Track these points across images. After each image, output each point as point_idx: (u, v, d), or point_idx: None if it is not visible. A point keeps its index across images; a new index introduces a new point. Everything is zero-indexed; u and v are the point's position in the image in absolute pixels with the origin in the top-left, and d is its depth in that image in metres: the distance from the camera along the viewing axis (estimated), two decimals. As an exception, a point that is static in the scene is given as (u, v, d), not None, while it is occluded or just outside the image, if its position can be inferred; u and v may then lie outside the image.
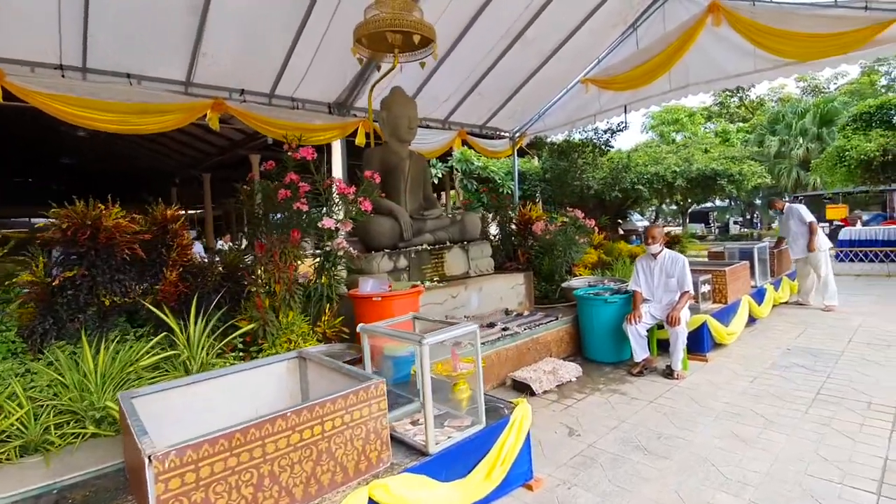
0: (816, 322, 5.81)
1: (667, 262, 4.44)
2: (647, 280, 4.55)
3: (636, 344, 4.32)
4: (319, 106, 8.26)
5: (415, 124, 5.56)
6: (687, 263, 4.37)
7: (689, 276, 4.32)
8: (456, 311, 4.89)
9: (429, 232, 5.43)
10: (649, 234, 4.47)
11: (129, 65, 5.97)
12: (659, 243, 4.47)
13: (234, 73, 7.09)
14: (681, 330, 4.14)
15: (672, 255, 4.46)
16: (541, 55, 9.36)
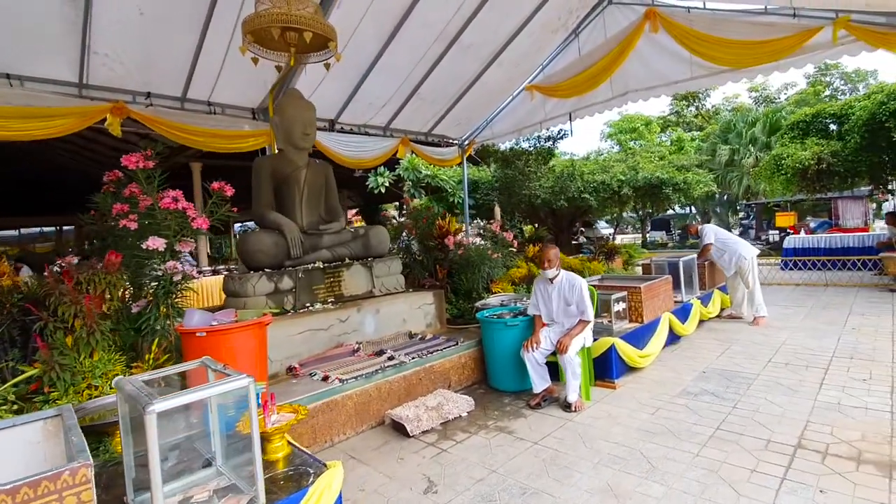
0: (742, 338, 5.49)
1: (564, 286, 4.01)
2: (545, 304, 4.14)
3: (534, 373, 3.87)
4: (242, 111, 7.66)
5: (311, 129, 5.06)
6: (585, 287, 3.97)
7: (588, 301, 3.92)
8: (345, 337, 4.38)
9: (326, 248, 4.92)
10: (544, 256, 4.01)
11: (8, 63, 5.31)
12: (555, 266, 4.03)
13: (137, 74, 6.47)
14: (568, 359, 3.73)
15: (570, 278, 4.03)
16: (480, 61, 9.01)
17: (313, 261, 4.72)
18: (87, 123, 6.34)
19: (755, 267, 6.19)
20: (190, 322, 3.00)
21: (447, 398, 3.81)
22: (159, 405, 1.65)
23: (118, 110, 6.41)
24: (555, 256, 4.02)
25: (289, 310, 4.37)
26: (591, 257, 7.70)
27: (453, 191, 12.53)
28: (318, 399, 3.38)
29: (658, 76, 8.56)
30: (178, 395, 1.71)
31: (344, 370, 3.80)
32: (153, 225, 3.26)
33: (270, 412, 2.44)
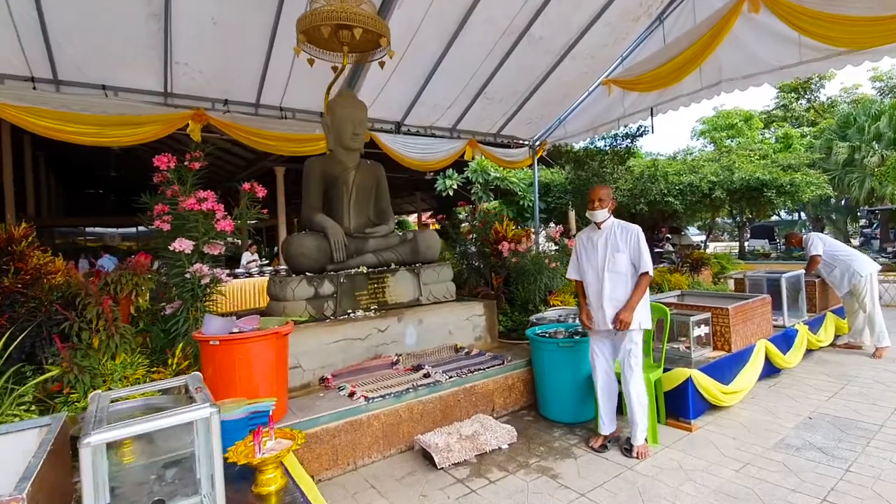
0: (862, 375, 4.44)
1: (615, 231, 3.22)
2: (589, 258, 3.29)
3: (605, 403, 3.25)
4: (311, 115, 7.77)
5: (361, 130, 4.84)
6: (642, 235, 3.21)
7: (647, 251, 3.15)
8: (384, 349, 4.08)
9: (372, 252, 4.67)
10: (593, 194, 3.26)
11: (103, 76, 5.77)
12: (606, 207, 3.22)
13: (215, 82, 6.74)
14: (632, 344, 3.10)
15: (622, 224, 3.26)
16: (552, 55, 8.41)
17: (357, 265, 4.49)
18: (171, 129, 6.69)
19: (874, 286, 5.03)
20: (209, 328, 2.84)
21: (486, 426, 3.36)
22: (95, 437, 1.40)
23: (198, 117, 6.69)
24: (606, 196, 3.23)
25: (329, 316, 4.17)
26: (672, 268, 6.79)
27: (524, 193, 11.93)
28: (341, 418, 3.10)
29: (758, 62, 7.41)
30: (118, 427, 1.46)
31: (375, 386, 3.49)
32: (183, 226, 3.17)
33: (265, 439, 2.17)
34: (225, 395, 2.76)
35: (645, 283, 3.13)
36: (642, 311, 3.15)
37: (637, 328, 3.12)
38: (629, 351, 3.13)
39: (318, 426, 3.01)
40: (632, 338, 3.13)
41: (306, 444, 2.95)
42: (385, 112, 8.42)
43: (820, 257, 5.25)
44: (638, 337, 3.14)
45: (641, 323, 3.12)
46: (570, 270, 3.46)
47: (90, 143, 5.71)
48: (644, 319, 3.14)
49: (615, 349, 3.24)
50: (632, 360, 3.11)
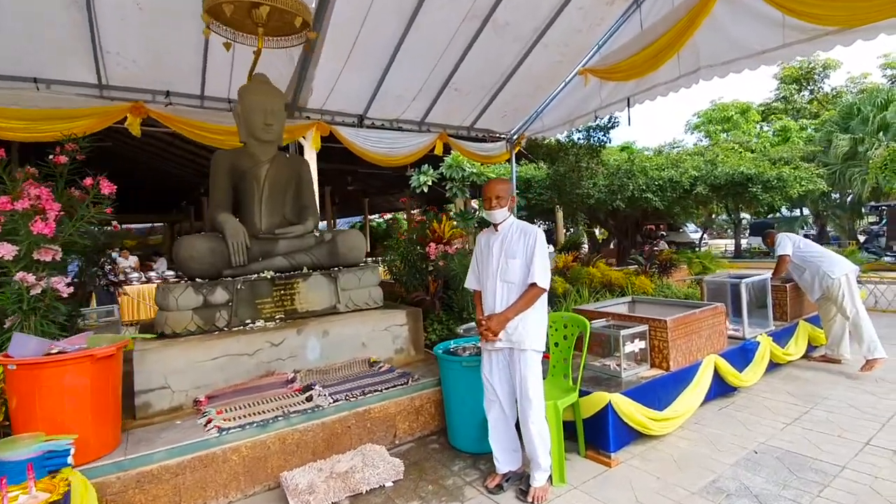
0: (833, 396, 3.86)
1: (512, 234, 2.69)
2: (485, 267, 2.78)
3: (499, 436, 2.75)
4: None
5: (275, 119, 4.35)
6: (543, 239, 2.66)
7: (544, 259, 2.60)
8: (280, 364, 3.60)
9: (282, 255, 4.19)
10: (488, 190, 2.70)
11: (34, 69, 5.39)
12: (504, 206, 2.69)
13: (153, 72, 6.31)
14: (527, 370, 2.58)
15: (523, 226, 2.72)
16: (521, 42, 7.86)
17: (262, 270, 4.01)
18: (108, 123, 6.26)
19: (853, 288, 4.43)
20: (17, 349, 2.38)
21: (369, 459, 2.86)
22: None
23: (137, 110, 6.26)
24: (504, 192, 2.68)
25: (222, 327, 3.70)
26: (639, 270, 6.24)
27: (503, 190, 11.37)
28: (185, 453, 2.62)
29: (738, 47, 6.82)
30: None
31: (248, 410, 3.01)
32: (13, 230, 2.71)
33: (18, 493, 1.70)
34: (25, 428, 2.31)
35: (533, 294, 2.60)
36: (534, 329, 2.62)
37: (529, 349, 2.59)
38: (524, 378, 2.60)
39: (153, 464, 2.53)
40: (526, 362, 2.60)
41: (140, 484, 2.49)
42: (344, 104, 7.94)
43: (788, 258, 4.67)
44: (533, 361, 2.62)
45: (531, 343, 2.60)
46: (468, 278, 2.94)
47: (21, 138, 5.36)
48: (535, 339, 2.62)
49: (512, 373, 2.73)
50: (529, 388, 2.59)
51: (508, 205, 2.71)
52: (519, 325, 2.60)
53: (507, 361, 2.71)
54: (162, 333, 3.53)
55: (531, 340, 2.61)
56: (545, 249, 2.65)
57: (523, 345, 2.59)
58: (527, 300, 2.60)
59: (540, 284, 2.57)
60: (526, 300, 2.60)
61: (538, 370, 2.63)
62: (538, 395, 2.60)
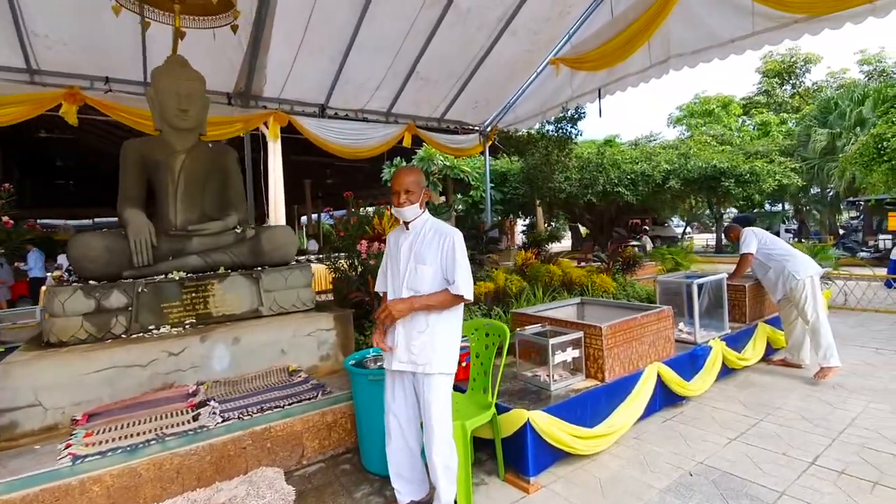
0: (787, 405, 3.57)
1: (425, 236, 2.31)
2: (393, 270, 2.41)
3: (399, 459, 2.41)
4: (216, 96, 6.89)
5: (190, 105, 3.95)
6: (461, 242, 2.28)
7: (465, 266, 2.23)
8: (179, 377, 3.24)
9: (196, 254, 3.81)
10: (397, 184, 2.29)
11: None
12: (416, 202, 2.29)
13: (88, 56, 5.87)
14: (432, 394, 2.24)
15: (439, 226, 2.33)
16: (487, 29, 7.50)
17: (171, 270, 3.63)
18: (40, 110, 5.83)
19: (817, 291, 4.14)
20: None
21: (255, 488, 2.51)
22: None
23: (72, 97, 5.83)
24: (415, 185, 2.28)
25: (120, 334, 3.32)
26: (601, 267, 5.92)
27: (476, 184, 11.01)
28: (31, 485, 2.26)
29: (708, 35, 6.58)
30: None
31: (132, 430, 2.65)
32: None
33: None
34: None
35: (448, 298, 2.21)
36: (443, 349, 2.26)
37: (436, 372, 2.24)
38: (428, 404, 2.25)
39: (-15, 500, 2.17)
40: (431, 387, 2.25)
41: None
42: (303, 93, 7.54)
43: (751, 256, 4.37)
44: (440, 386, 2.26)
45: (439, 366, 2.25)
46: (378, 279, 2.56)
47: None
48: (443, 361, 2.26)
49: (417, 398, 2.37)
50: (432, 416, 2.24)
51: (421, 200, 2.32)
52: (426, 345, 2.23)
53: (411, 385, 2.35)
54: (48, 342, 3.16)
55: (439, 362, 2.25)
56: (465, 255, 2.28)
57: (429, 367, 2.23)
58: (441, 300, 2.21)
59: (466, 297, 2.20)
60: (440, 300, 2.20)
61: (445, 396, 2.27)
62: (442, 423, 2.25)
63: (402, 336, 2.26)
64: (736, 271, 4.47)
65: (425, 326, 2.24)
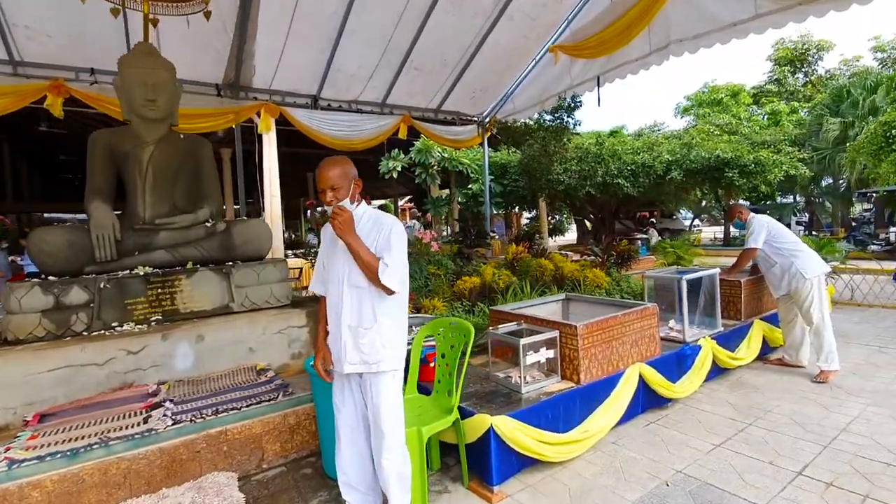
0: (780, 409, 3.36)
1: (362, 228, 2.12)
2: (331, 268, 2.23)
3: (350, 474, 2.26)
4: (205, 87, 6.79)
5: (158, 94, 3.80)
6: (398, 230, 2.11)
7: (400, 255, 2.06)
8: (139, 376, 3.12)
9: (164, 248, 3.69)
10: (321, 180, 2.06)
11: None
12: (346, 197, 2.07)
13: (73, 48, 5.76)
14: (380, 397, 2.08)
15: (377, 216, 2.16)
16: (482, 16, 7.26)
17: (136, 265, 3.51)
18: (24, 102, 5.73)
19: (823, 292, 3.90)
20: None
21: (202, 496, 2.38)
22: None
23: (57, 88, 5.73)
24: (341, 178, 2.05)
25: (81, 332, 3.21)
26: (595, 262, 5.71)
27: (476, 176, 10.79)
28: (-40, 493, 2.15)
29: (709, 19, 6.29)
30: None
31: (79, 433, 2.54)
32: None
33: None
34: None
35: (374, 277, 2.01)
36: (392, 344, 2.10)
37: (387, 370, 2.08)
38: (377, 407, 2.09)
39: (-86, 507, 2.06)
40: (379, 387, 2.08)
41: None
42: (294, 84, 7.37)
43: (757, 251, 4.06)
44: (389, 384, 2.10)
45: (390, 363, 2.09)
46: (313, 280, 2.39)
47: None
48: (393, 357, 2.10)
49: (365, 400, 2.21)
50: (382, 419, 2.08)
51: (352, 193, 2.13)
52: (374, 341, 2.07)
53: (359, 387, 2.19)
54: (5, 340, 3.06)
55: (389, 359, 2.09)
56: (403, 244, 2.11)
57: (380, 365, 2.07)
58: (373, 268, 2.00)
59: (389, 285, 2.01)
60: (373, 268, 2.00)
61: (395, 395, 2.11)
62: (393, 425, 2.09)
63: (348, 335, 2.09)
64: (735, 265, 4.22)
65: (372, 322, 2.07)
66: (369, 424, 2.19)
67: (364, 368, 2.07)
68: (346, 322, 2.10)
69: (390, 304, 2.10)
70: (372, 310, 2.08)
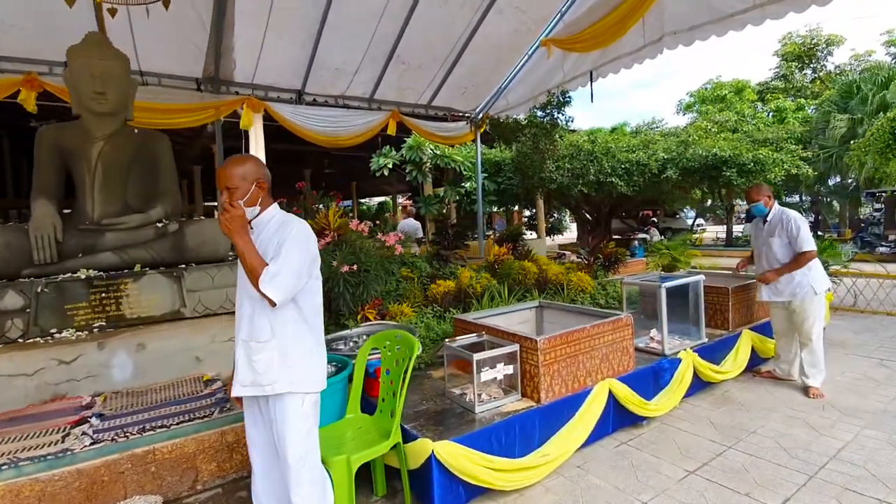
0: (764, 429, 3.08)
1: (268, 233, 1.91)
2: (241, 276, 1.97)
3: (262, 497, 2.03)
4: (185, 82, 6.59)
5: (107, 87, 3.60)
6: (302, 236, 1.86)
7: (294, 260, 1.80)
8: (72, 387, 2.92)
9: (111, 250, 3.48)
10: (218, 178, 1.88)
11: None
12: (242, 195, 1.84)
13: (46, 40, 5.56)
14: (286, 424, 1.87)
15: (284, 219, 1.93)
16: (470, 7, 6.99)
17: (78, 268, 3.31)
18: (-2, 98, 5.57)
19: (822, 311, 3.61)
20: None
21: (114, 525, 2.17)
22: None
23: (31, 83, 5.54)
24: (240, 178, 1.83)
25: (16, 338, 3.01)
26: (580, 264, 5.45)
27: (469, 174, 10.53)
28: None
29: (706, 9, 6.02)
30: None
31: None
32: None
33: None
34: None
35: (257, 277, 1.76)
36: (295, 361, 1.85)
37: (289, 391, 1.84)
38: (281, 436, 1.85)
39: None
40: (284, 412, 1.85)
41: None
42: (277, 78, 7.15)
43: (812, 254, 3.52)
44: (295, 408, 1.86)
45: (292, 384, 1.84)
46: None
47: None
48: (299, 377, 1.86)
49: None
50: (288, 449, 1.84)
51: (251, 195, 1.86)
52: (272, 359, 1.82)
53: (267, 411, 1.95)
54: (-69, 347, 2.87)
55: (290, 379, 1.83)
56: (300, 250, 1.83)
57: (274, 387, 1.82)
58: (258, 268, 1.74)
59: (267, 293, 1.72)
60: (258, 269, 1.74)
61: (301, 423, 1.86)
62: (301, 459, 1.85)
63: (241, 351, 1.85)
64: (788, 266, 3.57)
65: (269, 336, 1.83)
66: None
67: (255, 391, 1.83)
68: (241, 335, 1.86)
69: (294, 317, 1.86)
70: (269, 322, 1.83)
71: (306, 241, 1.85)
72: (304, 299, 1.90)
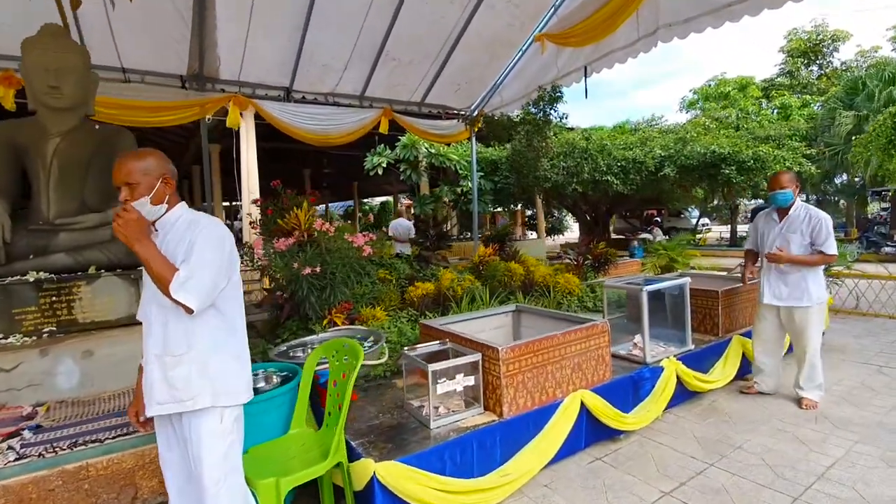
0: (750, 444, 2.86)
1: (175, 234, 1.69)
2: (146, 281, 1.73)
3: None
4: (169, 79, 6.45)
5: (63, 81, 3.43)
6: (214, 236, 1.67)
7: (207, 262, 1.61)
8: (13, 397, 2.75)
9: (65, 251, 3.32)
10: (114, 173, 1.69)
11: None
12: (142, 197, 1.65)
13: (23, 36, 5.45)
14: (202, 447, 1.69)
15: (193, 219, 1.74)
16: (459, 3, 6.81)
17: (28, 270, 3.15)
18: (-39, 94, 5.44)
19: (822, 320, 3.37)
20: None
21: (31, 550, 1.99)
22: None
23: (7, 80, 5.42)
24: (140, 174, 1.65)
25: (-43, 344, 2.86)
26: (569, 266, 5.23)
27: (465, 173, 10.33)
28: None
29: (700, 0, 5.82)
30: None
31: None
32: None
33: None
34: None
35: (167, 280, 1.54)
36: (216, 373, 1.67)
37: (210, 406, 1.65)
38: (198, 456, 1.67)
39: None
40: (199, 427, 1.66)
41: None
42: (264, 75, 6.99)
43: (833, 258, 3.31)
44: (214, 425, 1.67)
45: (216, 397, 1.66)
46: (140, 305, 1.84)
47: None
48: (220, 390, 1.67)
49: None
50: (203, 469, 1.66)
51: (156, 192, 1.67)
52: (191, 373, 1.64)
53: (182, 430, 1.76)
54: None
55: (209, 394, 1.65)
56: (214, 251, 1.63)
57: (196, 401, 1.64)
58: (165, 272, 1.55)
59: (180, 300, 1.54)
60: (166, 272, 1.55)
61: (219, 441, 1.67)
62: (218, 482, 1.67)
63: (156, 367, 1.66)
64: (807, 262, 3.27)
65: (185, 348, 1.64)
66: None
67: (175, 407, 1.64)
68: (153, 350, 1.67)
69: (215, 324, 1.68)
70: (184, 333, 1.64)
71: (220, 240, 1.67)
72: (225, 304, 1.72)
